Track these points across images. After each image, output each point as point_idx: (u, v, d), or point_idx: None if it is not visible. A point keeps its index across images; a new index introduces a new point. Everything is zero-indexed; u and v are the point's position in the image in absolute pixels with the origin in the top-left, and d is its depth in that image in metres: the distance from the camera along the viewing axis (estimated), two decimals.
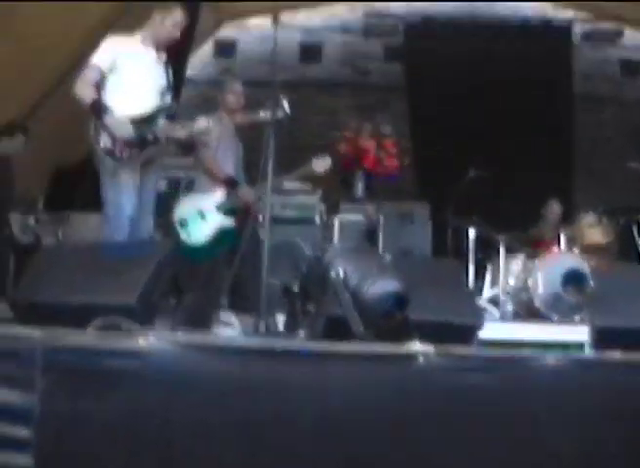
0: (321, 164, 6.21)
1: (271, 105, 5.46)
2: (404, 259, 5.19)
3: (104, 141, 5.54)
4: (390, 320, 3.45)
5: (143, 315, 4.01)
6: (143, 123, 5.66)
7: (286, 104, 5.65)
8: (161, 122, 5.77)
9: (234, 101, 6.65)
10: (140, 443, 2.85)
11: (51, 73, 8.00)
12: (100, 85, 5.62)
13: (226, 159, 6.51)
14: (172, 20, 5.79)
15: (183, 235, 6.24)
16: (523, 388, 2.97)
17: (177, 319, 4.21)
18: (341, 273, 3.48)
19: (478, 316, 4.61)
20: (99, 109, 5.52)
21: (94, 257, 4.50)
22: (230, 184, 6.37)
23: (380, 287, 3.46)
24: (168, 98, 5.95)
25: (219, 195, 6.31)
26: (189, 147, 6.68)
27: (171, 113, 5.92)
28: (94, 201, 8.64)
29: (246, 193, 6.27)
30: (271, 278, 5.80)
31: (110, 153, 5.55)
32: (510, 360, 3.10)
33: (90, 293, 4.12)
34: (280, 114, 5.55)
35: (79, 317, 3.70)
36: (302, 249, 7.58)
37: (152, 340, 2.95)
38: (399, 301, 3.49)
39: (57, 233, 8.33)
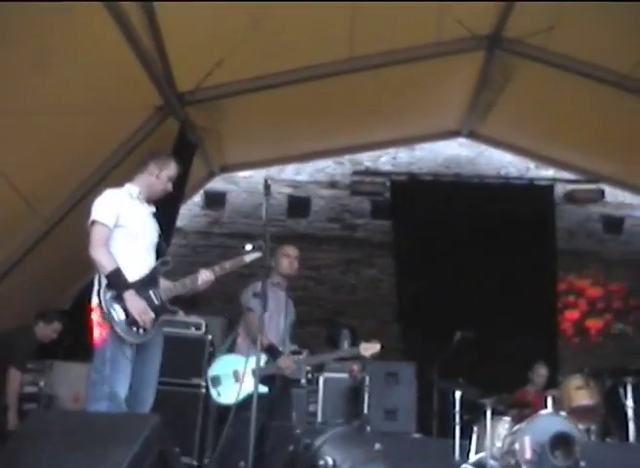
0: (370, 349, 6.65)
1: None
2: (392, 439, 5.11)
3: (118, 314, 5.29)
4: None
5: None
6: (148, 285, 5.44)
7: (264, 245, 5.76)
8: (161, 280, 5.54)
9: (287, 266, 7.01)
10: None
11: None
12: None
13: (272, 324, 6.71)
14: (167, 174, 5.75)
15: (214, 393, 6.47)
16: None
17: None
18: (330, 462, 3.44)
19: None
20: (124, 281, 5.32)
21: (78, 430, 4.41)
22: (271, 352, 6.56)
23: None
24: (163, 253, 5.77)
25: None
26: (192, 304, 6.71)
27: (168, 267, 5.62)
28: (76, 350, 8.71)
29: (285, 364, 6.54)
30: None
31: (130, 324, 5.28)
32: None
33: None
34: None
35: None
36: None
37: None
38: None
39: (39, 382, 8.24)
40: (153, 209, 5.85)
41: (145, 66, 7.13)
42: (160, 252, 5.77)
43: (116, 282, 5.28)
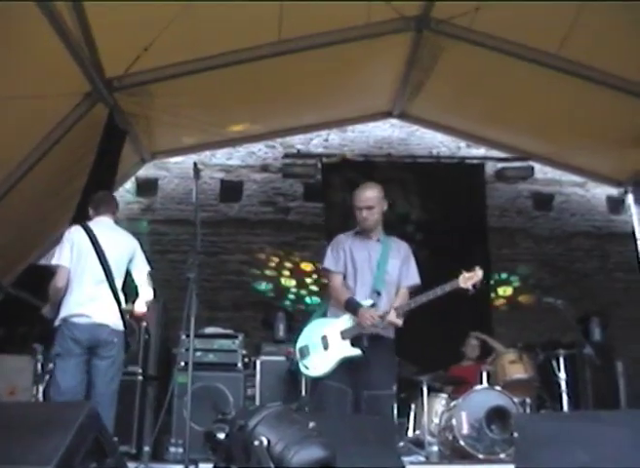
0: (470, 279, 5.82)
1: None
2: (328, 418, 5.13)
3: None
4: None
5: None
6: None
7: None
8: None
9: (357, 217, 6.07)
10: None
11: None
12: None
13: (358, 277, 5.94)
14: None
15: (302, 367, 5.85)
16: None
17: None
18: (265, 442, 3.45)
19: None
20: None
21: (12, 419, 4.37)
22: (349, 307, 5.80)
23: (306, 455, 3.42)
24: None
25: (344, 321, 5.82)
26: None
27: None
28: (11, 342, 8.59)
29: (362, 317, 5.66)
30: (194, 424, 5.80)
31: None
32: None
33: (8, 460, 3.99)
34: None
35: None
36: (225, 395, 7.55)
37: None
38: None
39: None
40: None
41: (72, 52, 7.06)
42: None
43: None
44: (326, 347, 5.78)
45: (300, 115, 10.74)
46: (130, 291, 6.36)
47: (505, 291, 11.41)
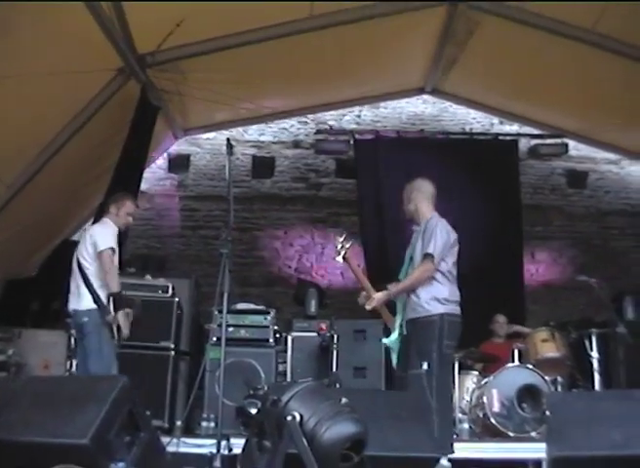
0: None
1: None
2: (361, 394, 5.15)
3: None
4: (347, 463, 3.42)
5: (98, 453, 3.94)
6: None
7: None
8: None
9: None
10: None
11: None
12: None
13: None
14: (125, 210, 6.88)
15: (394, 360, 6.34)
16: None
17: (132, 457, 4.13)
18: (298, 417, 3.46)
19: (437, 448, 4.58)
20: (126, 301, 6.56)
21: (47, 393, 4.43)
22: None
23: (337, 431, 3.43)
24: None
25: None
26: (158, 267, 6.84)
27: None
28: (46, 318, 8.67)
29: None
30: (225, 399, 5.83)
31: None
32: None
33: (44, 432, 4.04)
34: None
35: (33, 456, 3.62)
36: (256, 370, 7.57)
37: None
38: (356, 444, 3.46)
39: (7, 351, 8.19)
40: None
41: (104, 29, 7.06)
42: None
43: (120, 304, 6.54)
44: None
45: (333, 91, 10.69)
46: None
47: (538, 269, 11.33)
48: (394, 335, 6.23)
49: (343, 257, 6.58)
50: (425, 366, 5.81)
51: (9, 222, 8.18)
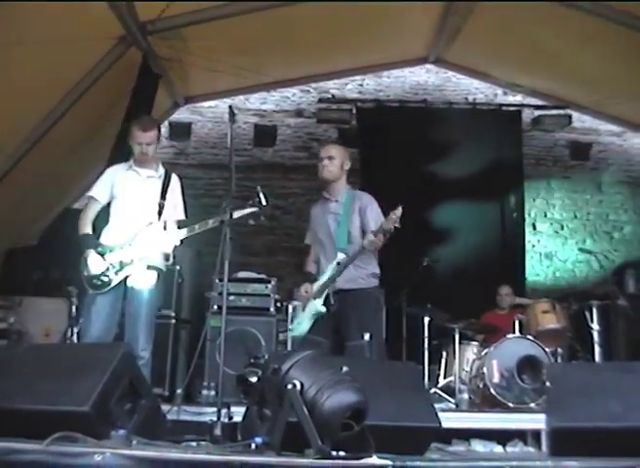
0: (393, 220, 5.96)
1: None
2: (360, 363, 5.16)
3: (87, 271, 6.02)
4: (348, 432, 3.42)
5: (99, 421, 3.94)
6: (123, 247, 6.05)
7: (262, 196, 5.81)
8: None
9: (320, 170, 6.56)
10: None
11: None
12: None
13: (320, 246, 6.51)
14: (144, 139, 6.19)
15: (291, 332, 6.56)
16: None
17: (133, 425, 4.13)
18: (298, 385, 3.46)
19: (434, 419, 4.58)
20: (86, 242, 6.13)
21: (47, 361, 4.43)
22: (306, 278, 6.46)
23: (338, 400, 3.43)
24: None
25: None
26: None
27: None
28: (47, 286, 8.68)
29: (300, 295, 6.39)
30: (227, 368, 5.83)
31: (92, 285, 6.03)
32: None
33: (45, 400, 4.04)
34: (259, 207, 5.85)
35: (34, 424, 3.62)
36: (257, 339, 7.59)
37: (108, 457, 2.91)
38: (357, 414, 3.46)
39: (9, 319, 8.21)
40: (153, 172, 6.38)
41: None
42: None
43: (83, 246, 6.13)
44: (304, 308, 6.30)
45: (335, 60, 10.65)
46: None
47: (539, 240, 11.32)
48: (318, 302, 6.18)
49: None
50: (367, 337, 5.96)
51: (10, 192, 8.16)
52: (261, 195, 5.84)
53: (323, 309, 6.11)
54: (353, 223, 6.33)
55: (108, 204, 6.29)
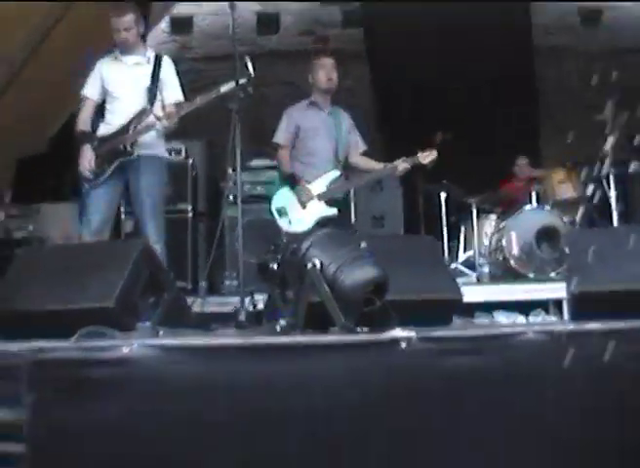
0: (428, 156, 6.34)
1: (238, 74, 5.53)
2: (379, 239, 5.19)
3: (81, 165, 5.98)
4: (370, 307, 3.45)
5: (124, 314, 4.00)
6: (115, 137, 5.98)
7: (250, 65, 5.68)
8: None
9: (325, 79, 6.75)
10: (131, 450, 2.85)
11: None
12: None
13: (309, 147, 6.59)
14: (121, 24, 6.01)
15: (284, 223, 6.42)
16: (508, 367, 3.00)
17: (158, 316, 4.20)
18: (318, 264, 3.47)
19: (456, 291, 4.62)
20: (80, 139, 6.06)
21: (69, 260, 4.47)
22: (290, 181, 6.48)
23: (358, 275, 3.44)
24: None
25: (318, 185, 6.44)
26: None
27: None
28: (62, 191, 8.69)
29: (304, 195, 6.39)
30: (247, 257, 5.88)
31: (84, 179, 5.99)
32: (492, 338, 3.11)
33: (68, 299, 4.10)
34: (244, 78, 5.68)
35: (59, 324, 3.67)
36: (275, 226, 7.61)
37: (136, 348, 2.94)
38: (378, 289, 3.48)
39: (28, 227, 8.27)
40: (140, 58, 6.21)
41: None
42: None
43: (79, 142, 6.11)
44: (304, 207, 6.38)
45: None
46: None
47: (552, 109, 11.15)
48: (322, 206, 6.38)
49: None
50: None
51: (15, 100, 8.07)
52: (249, 64, 5.71)
53: (334, 211, 6.35)
54: (348, 141, 6.68)
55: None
